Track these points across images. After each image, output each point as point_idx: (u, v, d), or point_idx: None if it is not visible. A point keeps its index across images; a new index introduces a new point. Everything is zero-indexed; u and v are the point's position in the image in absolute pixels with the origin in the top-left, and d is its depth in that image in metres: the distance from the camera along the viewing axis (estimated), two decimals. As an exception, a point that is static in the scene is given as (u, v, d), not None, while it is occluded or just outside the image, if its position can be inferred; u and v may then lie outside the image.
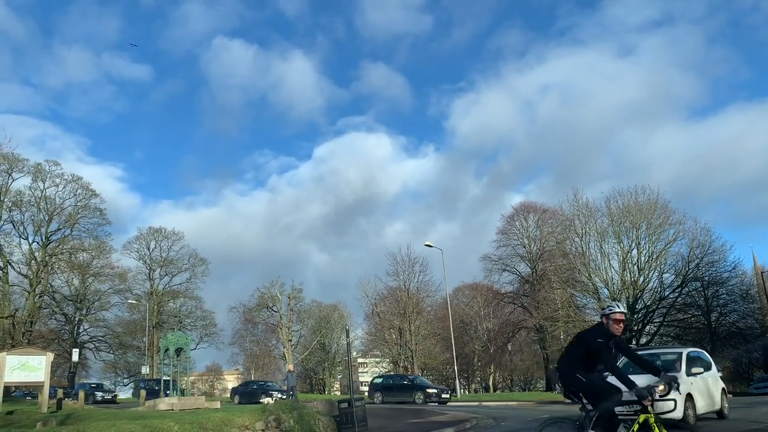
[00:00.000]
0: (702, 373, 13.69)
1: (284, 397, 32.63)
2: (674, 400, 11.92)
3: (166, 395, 28.11)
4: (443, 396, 33.44)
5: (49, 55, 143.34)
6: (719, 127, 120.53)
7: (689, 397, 12.39)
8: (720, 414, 14.19)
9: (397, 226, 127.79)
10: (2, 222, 47.69)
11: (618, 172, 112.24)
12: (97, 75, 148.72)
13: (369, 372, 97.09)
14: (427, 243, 46.18)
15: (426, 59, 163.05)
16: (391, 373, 50.35)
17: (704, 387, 13.58)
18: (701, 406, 12.91)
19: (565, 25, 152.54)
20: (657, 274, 42.20)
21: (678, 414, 11.95)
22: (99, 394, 44.90)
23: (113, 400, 44.28)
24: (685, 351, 14.01)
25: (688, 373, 12.96)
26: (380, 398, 35.00)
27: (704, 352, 16.02)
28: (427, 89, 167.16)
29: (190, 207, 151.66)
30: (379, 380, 38.71)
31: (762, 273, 48.10)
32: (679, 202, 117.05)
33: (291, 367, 36.15)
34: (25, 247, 49.90)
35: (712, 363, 15.25)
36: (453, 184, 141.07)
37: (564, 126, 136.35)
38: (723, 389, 14.73)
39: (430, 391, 33.67)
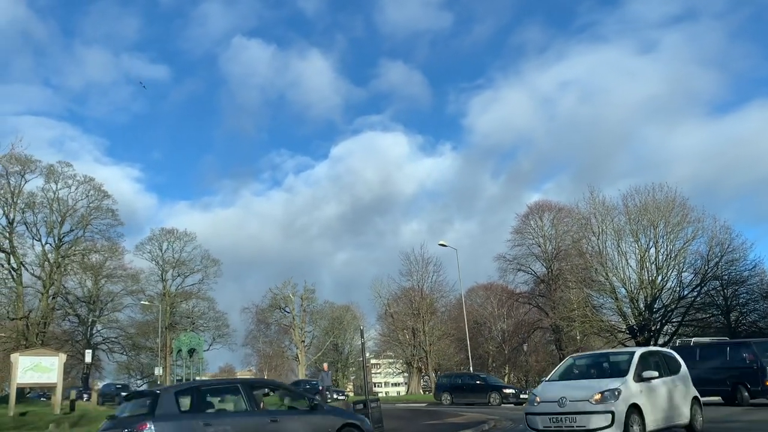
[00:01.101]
0: (658, 378, 11.25)
1: (338, 397, 31.85)
2: (611, 413, 9.91)
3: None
4: (522, 396, 30.82)
5: (69, 55, 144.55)
6: (740, 123, 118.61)
7: (635, 408, 10.25)
8: (690, 428, 11.97)
9: (413, 225, 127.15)
10: (15, 224, 47.83)
11: (638, 169, 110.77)
12: (116, 75, 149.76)
13: (382, 373, 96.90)
14: (442, 242, 45.73)
15: (445, 57, 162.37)
16: (458, 371, 47.79)
17: (660, 396, 11.20)
18: (654, 419, 10.69)
19: (585, 22, 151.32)
20: (675, 273, 41.52)
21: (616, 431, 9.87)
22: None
23: None
24: (638, 351, 11.74)
25: (639, 379, 10.75)
26: (449, 399, 32.85)
27: (672, 352, 13.64)
28: (446, 87, 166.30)
29: (206, 208, 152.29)
30: (446, 379, 36.13)
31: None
32: (699, 199, 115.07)
33: (326, 366, 35.48)
34: (38, 248, 50.03)
35: (682, 366, 12.73)
36: (470, 183, 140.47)
37: (583, 123, 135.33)
38: (695, 398, 12.35)
39: (507, 391, 31.49)
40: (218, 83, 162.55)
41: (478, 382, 33.46)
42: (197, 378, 28.16)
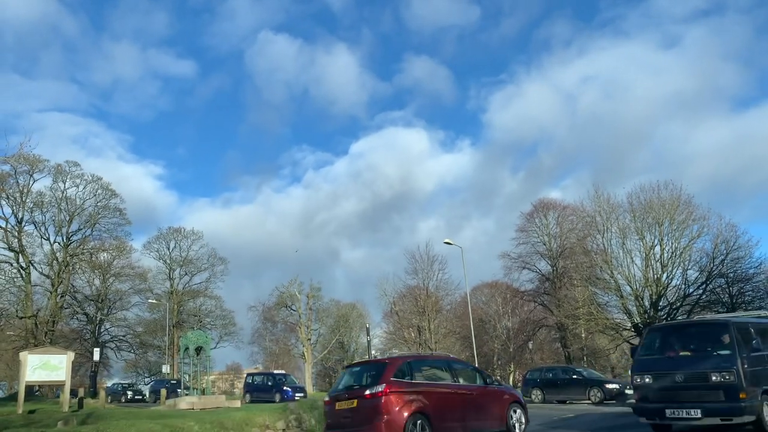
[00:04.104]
0: None
1: None
2: None
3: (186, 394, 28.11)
4: (627, 391, 28.12)
5: (97, 51, 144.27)
6: (762, 118, 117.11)
7: None
8: None
9: (431, 222, 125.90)
10: (24, 223, 48.23)
11: (659, 166, 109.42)
12: (143, 71, 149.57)
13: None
14: (447, 240, 45.73)
15: (471, 51, 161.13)
16: (549, 365, 43.78)
17: None
18: None
19: (609, 16, 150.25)
20: (681, 270, 41.43)
21: None
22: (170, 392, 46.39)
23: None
24: None
25: None
26: (540, 396, 30.01)
27: None
28: (468, 82, 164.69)
29: (226, 204, 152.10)
30: (536, 374, 32.85)
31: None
32: (717, 197, 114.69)
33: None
34: (47, 247, 50.43)
35: None
36: (489, 180, 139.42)
37: (605, 119, 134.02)
38: None
39: (610, 386, 28.18)
40: (244, 79, 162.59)
41: (574, 376, 30.55)
42: (204, 376, 28.37)
